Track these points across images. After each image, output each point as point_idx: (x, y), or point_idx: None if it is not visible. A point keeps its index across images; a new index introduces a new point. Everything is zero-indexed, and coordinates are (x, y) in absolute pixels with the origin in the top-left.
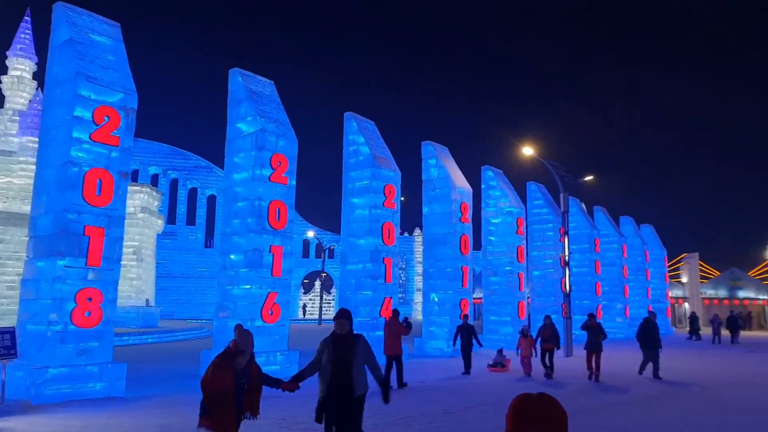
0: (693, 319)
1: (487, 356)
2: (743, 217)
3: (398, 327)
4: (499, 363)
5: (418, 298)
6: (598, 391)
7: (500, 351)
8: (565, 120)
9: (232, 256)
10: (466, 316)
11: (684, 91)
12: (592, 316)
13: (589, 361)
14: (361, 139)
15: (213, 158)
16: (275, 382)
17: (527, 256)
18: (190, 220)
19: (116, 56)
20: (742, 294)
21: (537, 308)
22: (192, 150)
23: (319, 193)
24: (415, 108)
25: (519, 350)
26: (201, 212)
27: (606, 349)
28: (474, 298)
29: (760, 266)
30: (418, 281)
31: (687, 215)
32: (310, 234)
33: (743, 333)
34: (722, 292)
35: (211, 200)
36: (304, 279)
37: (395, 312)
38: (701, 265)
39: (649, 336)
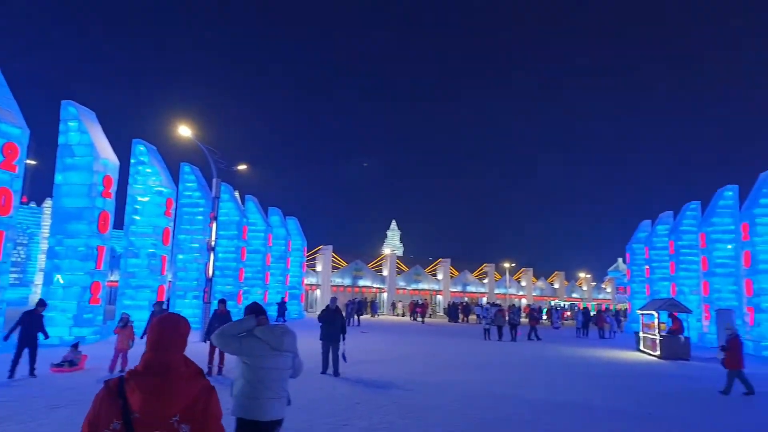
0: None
1: (96, 355)
2: (370, 218)
3: None
4: (68, 362)
5: (40, 279)
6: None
7: (75, 346)
8: (228, 107)
9: None
10: (41, 302)
11: (338, 101)
12: (222, 302)
13: (211, 354)
14: None
15: None
16: None
17: (174, 238)
18: None
19: None
20: (362, 282)
21: (179, 293)
22: None
23: None
24: (60, 64)
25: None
26: None
27: None
28: (109, 281)
29: (377, 259)
30: (44, 260)
31: (328, 212)
32: None
33: (370, 317)
34: (347, 281)
35: None
36: None
37: None
38: (334, 257)
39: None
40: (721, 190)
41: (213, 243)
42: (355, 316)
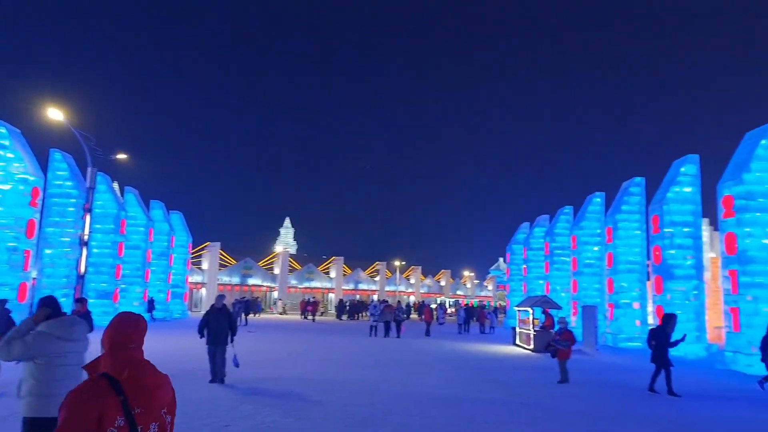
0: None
1: None
2: (261, 214)
3: None
4: None
5: None
6: None
7: None
8: (107, 93)
9: None
10: None
11: (226, 97)
12: (80, 301)
13: None
14: None
15: None
16: None
17: (40, 231)
18: None
19: None
20: (251, 281)
21: (45, 290)
22: None
23: None
24: None
25: None
26: None
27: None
28: None
29: (269, 257)
30: None
31: (216, 207)
32: None
33: (253, 316)
34: (235, 279)
35: None
36: None
37: None
38: (221, 254)
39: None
40: (590, 196)
41: (86, 237)
42: (243, 316)
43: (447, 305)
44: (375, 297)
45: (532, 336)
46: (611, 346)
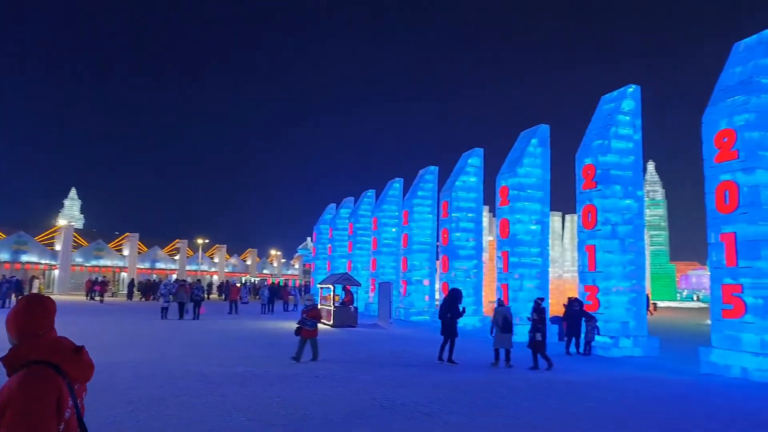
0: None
1: None
2: (40, 183)
3: None
4: None
5: None
6: None
7: None
8: None
9: None
10: None
11: None
12: None
13: None
14: None
15: None
16: None
17: None
18: None
19: None
20: (25, 258)
21: None
22: None
23: None
24: None
25: None
26: None
27: None
28: None
29: (49, 231)
30: None
31: None
32: None
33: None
34: (5, 255)
35: None
36: None
37: None
38: None
39: None
40: (391, 181)
41: None
42: (13, 297)
43: (249, 283)
44: (174, 276)
45: (332, 312)
46: (403, 319)
